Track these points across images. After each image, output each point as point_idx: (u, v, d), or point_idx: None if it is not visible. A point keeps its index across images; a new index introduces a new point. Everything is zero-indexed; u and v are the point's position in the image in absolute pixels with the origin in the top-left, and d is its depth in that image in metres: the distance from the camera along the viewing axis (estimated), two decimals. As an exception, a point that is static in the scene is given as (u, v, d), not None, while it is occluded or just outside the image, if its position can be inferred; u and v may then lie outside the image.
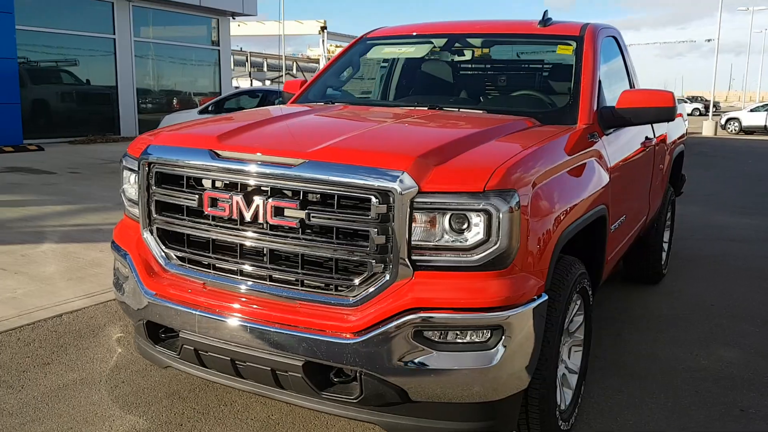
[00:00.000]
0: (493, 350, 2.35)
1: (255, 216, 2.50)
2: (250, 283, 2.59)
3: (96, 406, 3.17)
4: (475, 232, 2.32)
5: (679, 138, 5.41)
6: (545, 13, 4.00)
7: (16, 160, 12.30)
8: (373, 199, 2.32)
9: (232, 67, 26.79)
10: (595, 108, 3.39)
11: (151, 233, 2.82)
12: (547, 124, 3.24)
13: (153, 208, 2.78)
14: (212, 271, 2.68)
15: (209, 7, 18.88)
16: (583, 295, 3.04)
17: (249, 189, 2.52)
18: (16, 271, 5.21)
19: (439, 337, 2.34)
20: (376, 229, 2.33)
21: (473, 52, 4.16)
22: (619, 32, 4.30)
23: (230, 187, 2.58)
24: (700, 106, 50.81)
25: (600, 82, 3.56)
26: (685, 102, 48.66)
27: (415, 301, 2.31)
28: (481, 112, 3.47)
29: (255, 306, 2.54)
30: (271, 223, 2.48)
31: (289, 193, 2.47)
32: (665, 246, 5.72)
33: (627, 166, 3.72)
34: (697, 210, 9.15)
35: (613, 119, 3.46)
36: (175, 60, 19.57)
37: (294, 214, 2.44)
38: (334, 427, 3.04)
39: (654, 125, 4.50)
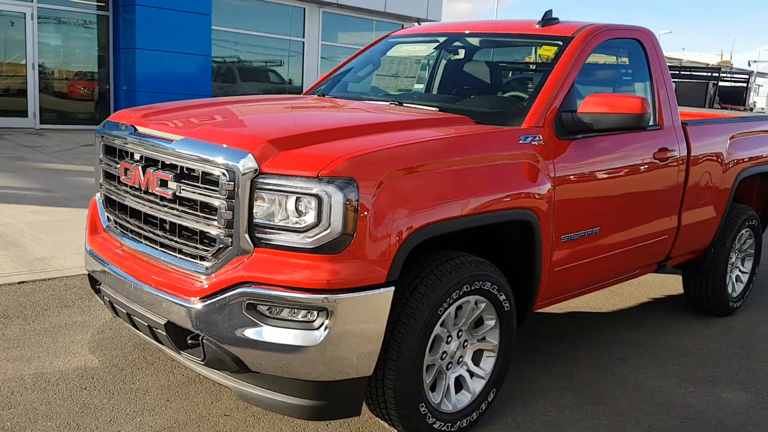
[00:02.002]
0: (316, 331, 2.44)
1: (147, 185, 2.81)
2: (142, 245, 2.91)
3: (72, 344, 3.69)
4: (308, 216, 2.42)
5: (756, 157, 4.81)
6: (547, 13, 3.85)
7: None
8: (222, 176, 2.52)
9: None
10: (551, 111, 3.24)
11: (99, 197, 3.26)
12: (486, 124, 3.18)
13: (100, 175, 3.21)
14: (126, 233, 3.04)
15: (394, 13, 19.66)
16: (490, 299, 2.96)
17: (144, 161, 2.84)
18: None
19: (270, 312, 2.47)
20: (224, 205, 2.52)
21: (466, 51, 4.11)
22: (649, 36, 3.99)
23: (136, 158, 2.91)
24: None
25: (573, 85, 3.38)
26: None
27: (250, 276, 2.47)
28: (434, 109, 3.46)
29: (142, 267, 2.85)
30: (155, 192, 2.77)
31: (168, 167, 2.74)
32: (741, 276, 5.12)
33: (607, 176, 3.48)
34: None
35: (573, 124, 3.28)
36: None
37: (171, 185, 2.71)
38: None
39: (699, 139, 4.14)
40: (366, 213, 2.44)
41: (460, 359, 3.01)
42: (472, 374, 3.07)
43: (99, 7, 14.87)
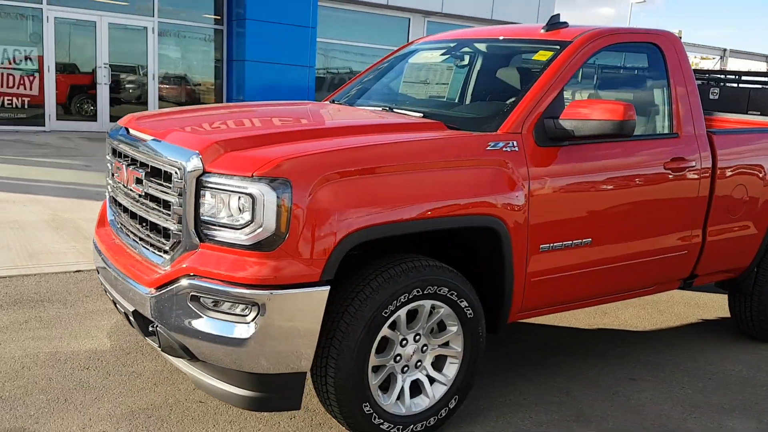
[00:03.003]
0: (249, 324, 2.56)
1: (127, 182, 3.05)
2: (127, 239, 3.15)
3: (94, 328, 4.02)
4: (245, 214, 2.55)
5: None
6: (552, 17, 3.76)
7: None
8: (174, 174, 2.70)
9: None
10: (532, 117, 3.18)
11: (107, 194, 3.55)
12: (463, 130, 3.17)
13: (108, 174, 3.51)
14: (119, 227, 3.30)
15: (501, 20, 19.50)
16: (450, 305, 2.95)
17: (129, 160, 3.08)
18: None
19: (211, 305, 2.62)
20: (176, 201, 2.70)
21: (471, 57, 4.07)
22: (669, 40, 3.79)
23: (123, 157, 3.16)
24: None
25: (562, 90, 3.30)
26: None
27: (194, 269, 2.63)
28: (419, 115, 3.48)
29: (125, 259, 3.09)
30: (131, 188, 3.01)
31: (141, 165, 2.96)
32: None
33: (600, 185, 3.36)
34: None
35: (554, 131, 3.20)
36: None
37: (142, 182, 2.93)
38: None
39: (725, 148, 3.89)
40: (300, 213, 2.53)
41: (419, 363, 3.02)
42: (432, 379, 3.06)
43: (216, 21, 15.85)
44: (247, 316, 2.56)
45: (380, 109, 3.74)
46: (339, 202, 2.61)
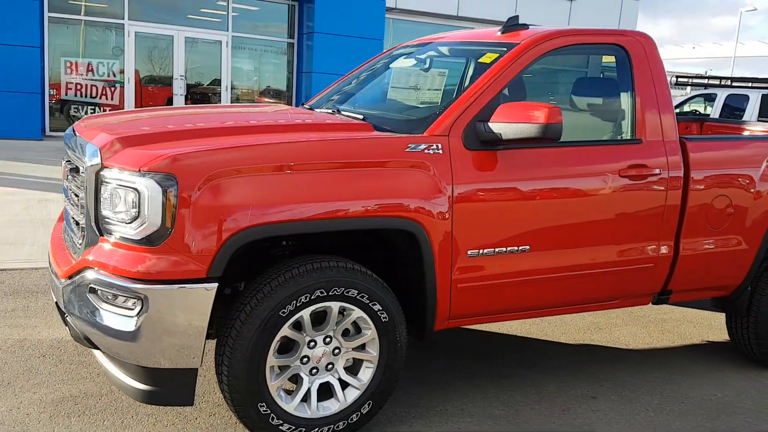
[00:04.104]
0: (135, 318, 2.61)
1: (65, 179, 3.20)
2: (67, 237, 3.29)
3: (68, 321, 4.21)
4: (134, 209, 2.61)
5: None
6: (510, 19, 3.64)
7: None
8: (81, 169, 2.82)
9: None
10: (461, 120, 3.09)
11: (67, 192, 3.73)
12: (394, 132, 3.12)
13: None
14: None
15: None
16: (362, 308, 2.91)
17: (67, 158, 3.23)
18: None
19: (105, 297, 2.69)
20: (82, 195, 2.82)
21: (433, 61, 3.97)
22: (637, 42, 3.58)
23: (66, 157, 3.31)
24: None
25: (499, 93, 3.19)
26: None
27: (89, 262, 2.72)
28: (360, 117, 3.45)
29: (59, 252, 3.22)
30: (65, 185, 3.15)
31: (69, 161, 3.10)
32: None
33: (538, 191, 3.21)
34: None
35: (485, 134, 3.09)
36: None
37: (68, 178, 3.06)
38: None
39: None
40: (186, 209, 2.57)
41: (330, 366, 2.98)
42: (345, 383, 3.02)
43: (287, 35, 16.31)
44: (133, 309, 2.62)
45: (330, 111, 3.73)
46: (229, 200, 2.62)
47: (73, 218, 3.07)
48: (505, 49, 3.38)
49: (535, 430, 3.27)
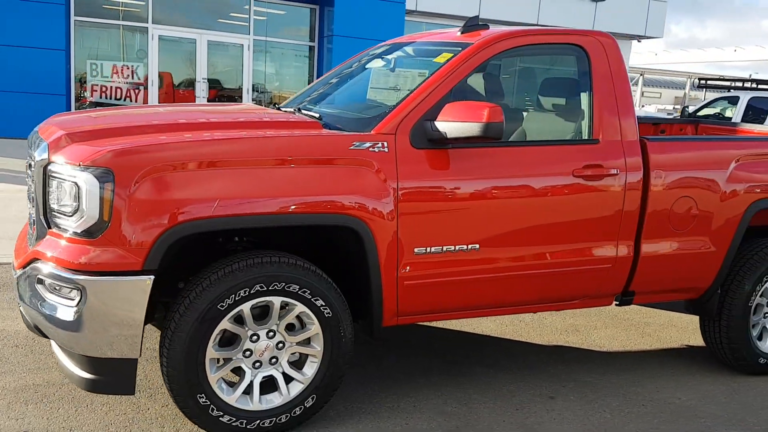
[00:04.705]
0: (73, 308, 2.71)
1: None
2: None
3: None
4: (73, 202, 2.71)
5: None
6: (470, 19, 3.67)
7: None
8: (33, 164, 2.93)
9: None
10: (409, 119, 3.13)
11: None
12: (345, 131, 3.16)
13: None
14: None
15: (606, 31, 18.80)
16: (304, 303, 2.96)
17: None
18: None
19: (50, 288, 2.80)
20: (34, 189, 2.93)
21: (398, 61, 4.00)
22: (597, 42, 3.58)
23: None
24: None
25: (450, 93, 3.22)
26: None
27: (38, 253, 2.83)
28: (316, 115, 3.51)
29: (21, 245, 3.34)
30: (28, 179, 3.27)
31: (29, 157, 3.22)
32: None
33: (487, 190, 3.23)
34: None
35: (431, 133, 3.12)
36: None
37: (27, 174, 3.18)
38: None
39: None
40: (122, 203, 2.65)
41: (274, 360, 3.04)
42: (289, 377, 3.07)
43: (308, 38, 16.47)
44: (73, 300, 2.71)
45: (292, 110, 3.80)
46: (164, 195, 2.70)
47: (29, 212, 3.19)
48: (459, 49, 3.41)
49: (484, 428, 3.28)
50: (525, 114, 3.81)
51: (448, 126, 3.05)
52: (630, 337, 4.73)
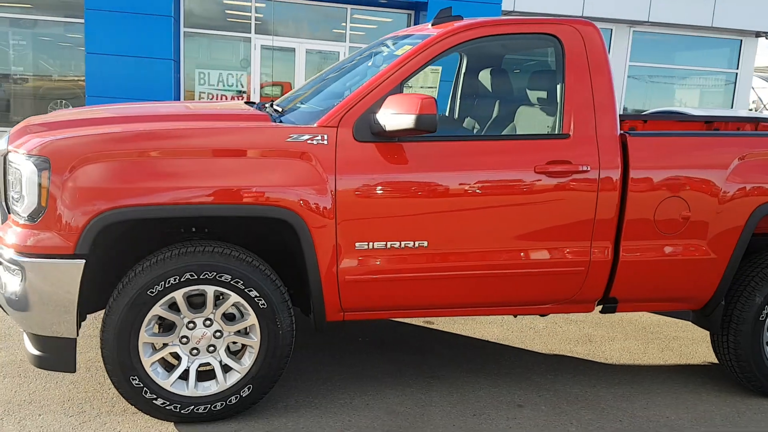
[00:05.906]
0: (18, 287, 2.91)
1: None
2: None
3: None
4: (20, 188, 2.92)
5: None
6: (441, 11, 3.56)
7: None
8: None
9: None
10: (353, 111, 3.10)
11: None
12: (297, 124, 3.18)
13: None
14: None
15: (724, 27, 17.56)
16: (238, 293, 3.01)
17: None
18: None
19: (7, 269, 3.01)
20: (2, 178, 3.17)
21: (373, 56, 3.91)
22: (574, 31, 3.35)
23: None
24: None
25: (401, 84, 3.16)
26: None
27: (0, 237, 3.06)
28: (278, 109, 3.54)
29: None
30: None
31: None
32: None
33: (435, 185, 3.13)
34: None
35: (374, 126, 3.07)
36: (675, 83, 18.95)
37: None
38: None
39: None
40: (57, 190, 2.82)
41: (212, 348, 3.10)
42: (228, 366, 3.12)
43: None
44: (18, 280, 2.91)
45: (268, 105, 3.87)
46: (95, 183, 2.84)
47: None
48: (420, 41, 3.33)
49: (429, 430, 3.17)
50: (496, 108, 3.66)
51: (387, 119, 3.00)
52: (648, 350, 4.40)
